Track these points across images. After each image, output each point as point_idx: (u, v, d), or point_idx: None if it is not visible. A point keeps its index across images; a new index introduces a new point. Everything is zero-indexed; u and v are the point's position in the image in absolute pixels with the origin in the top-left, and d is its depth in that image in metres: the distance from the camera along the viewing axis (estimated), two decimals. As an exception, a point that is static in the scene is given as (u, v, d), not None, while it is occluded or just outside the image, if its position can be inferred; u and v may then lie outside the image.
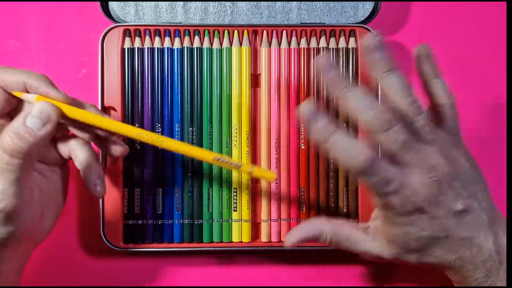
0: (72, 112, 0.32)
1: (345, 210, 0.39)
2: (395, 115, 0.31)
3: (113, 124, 0.33)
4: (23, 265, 0.34)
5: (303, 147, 0.39)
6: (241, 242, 0.39)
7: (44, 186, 0.33)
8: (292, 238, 0.35)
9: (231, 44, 0.39)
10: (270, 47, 0.39)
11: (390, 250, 0.33)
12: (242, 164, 0.34)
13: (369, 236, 0.34)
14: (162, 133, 0.38)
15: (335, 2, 0.40)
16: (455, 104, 0.33)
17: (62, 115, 0.31)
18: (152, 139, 0.33)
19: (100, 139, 0.34)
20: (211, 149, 0.38)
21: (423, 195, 0.30)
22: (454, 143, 0.33)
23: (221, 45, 0.39)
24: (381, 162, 0.30)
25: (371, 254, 0.34)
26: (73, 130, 0.33)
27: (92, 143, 0.34)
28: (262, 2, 0.40)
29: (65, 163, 0.35)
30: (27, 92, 0.31)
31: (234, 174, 0.38)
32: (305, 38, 0.39)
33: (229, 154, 0.39)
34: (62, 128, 0.33)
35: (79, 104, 0.33)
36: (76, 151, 0.34)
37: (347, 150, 0.30)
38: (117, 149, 0.34)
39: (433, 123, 0.32)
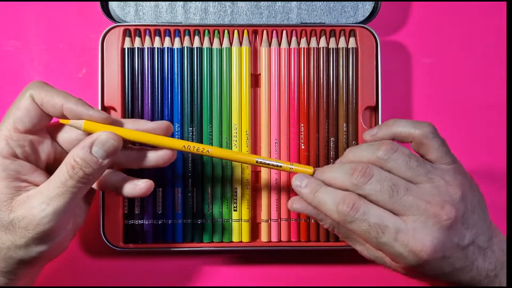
0: (124, 133, 0.32)
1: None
2: (370, 166, 0.30)
3: (160, 138, 0.33)
4: (34, 280, 0.34)
5: (303, 147, 0.39)
6: (241, 242, 0.39)
7: (75, 211, 0.33)
8: (295, 205, 0.34)
9: (231, 44, 0.39)
10: (270, 47, 0.39)
11: (389, 266, 0.32)
12: (282, 163, 0.33)
13: (369, 245, 0.32)
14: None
15: (335, 2, 0.40)
16: (432, 132, 0.31)
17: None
18: (199, 150, 0.33)
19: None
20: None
21: (438, 241, 0.28)
22: (455, 171, 0.31)
23: (221, 45, 0.39)
24: (368, 206, 0.29)
25: (365, 256, 0.34)
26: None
27: None
28: (262, 2, 0.40)
29: (92, 190, 0.35)
30: (63, 113, 0.31)
31: (235, 174, 0.39)
32: (305, 38, 0.39)
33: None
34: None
35: (120, 122, 0.33)
36: (111, 183, 0.33)
37: (330, 200, 0.30)
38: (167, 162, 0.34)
39: (424, 160, 0.31)
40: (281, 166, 0.33)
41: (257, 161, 0.33)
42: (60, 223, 0.30)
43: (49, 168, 0.33)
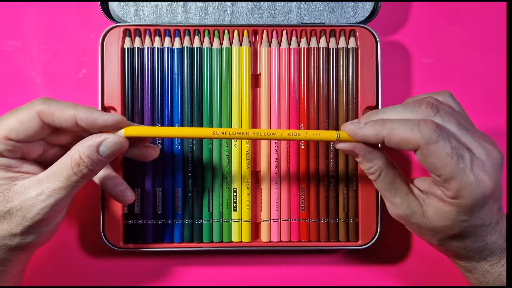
0: (139, 131, 0.32)
1: (345, 210, 0.39)
2: (435, 102, 0.30)
3: (189, 131, 0.33)
4: (25, 265, 0.35)
5: (303, 147, 0.39)
6: (241, 242, 0.39)
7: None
8: (341, 144, 0.32)
9: (231, 44, 0.39)
10: (270, 47, 0.39)
11: (423, 223, 0.31)
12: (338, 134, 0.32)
13: (410, 196, 0.32)
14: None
15: (335, 2, 0.40)
16: (450, 95, 0.32)
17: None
18: (230, 134, 0.32)
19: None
20: (211, 149, 0.38)
21: (497, 177, 0.29)
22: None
23: (221, 45, 0.39)
24: (447, 130, 0.29)
25: (398, 214, 0.32)
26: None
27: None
28: (262, 2, 0.40)
29: None
30: (77, 123, 0.31)
31: (234, 174, 0.39)
32: (305, 38, 0.39)
33: (229, 154, 0.39)
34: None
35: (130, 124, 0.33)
36: (107, 185, 0.35)
37: (407, 124, 0.29)
38: (152, 153, 0.35)
39: None
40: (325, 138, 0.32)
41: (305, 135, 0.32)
42: (57, 212, 0.31)
43: (37, 160, 0.33)
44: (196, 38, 0.39)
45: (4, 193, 0.30)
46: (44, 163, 0.33)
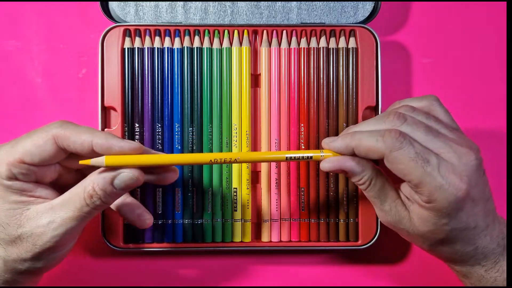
0: (149, 160, 0.31)
1: (345, 210, 0.39)
2: (402, 112, 0.31)
3: (186, 157, 0.33)
4: (35, 286, 0.35)
5: (303, 147, 0.39)
6: (241, 242, 0.39)
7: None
8: (328, 165, 0.32)
9: (231, 44, 0.39)
10: (270, 47, 0.39)
11: (412, 230, 0.32)
12: (312, 153, 0.32)
13: (398, 202, 0.32)
14: (162, 133, 0.38)
15: (335, 2, 0.40)
16: (436, 100, 0.33)
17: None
18: (226, 160, 0.32)
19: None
20: (211, 149, 0.38)
21: (471, 179, 0.29)
22: (464, 134, 0.32)
23: (221, 45, 0.39)
24: (411, 138, 0.29)
25: (388, 221, 0.33)
26: None
27: None
28: (262, 2, 0.40)
29: None
30: (93, 149, 0.30)
31: (234, 174, 0.38)
32: (305, 38, 0.39)
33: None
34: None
35: (148, 151, 0.32)
36: (122, 210, 0.35)
37: (373, 134, 0.30)
38: (172, 176, 0.34)
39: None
40: (311, 157, 0.32)
41: (286, 158, 0.32)
42: (68, 240, 0.31)
43: (53, 183, 0.33)
44: (196, 38, 0.39)
45: (16, 218, 0.30)
46: (60, 187, 0.33)
